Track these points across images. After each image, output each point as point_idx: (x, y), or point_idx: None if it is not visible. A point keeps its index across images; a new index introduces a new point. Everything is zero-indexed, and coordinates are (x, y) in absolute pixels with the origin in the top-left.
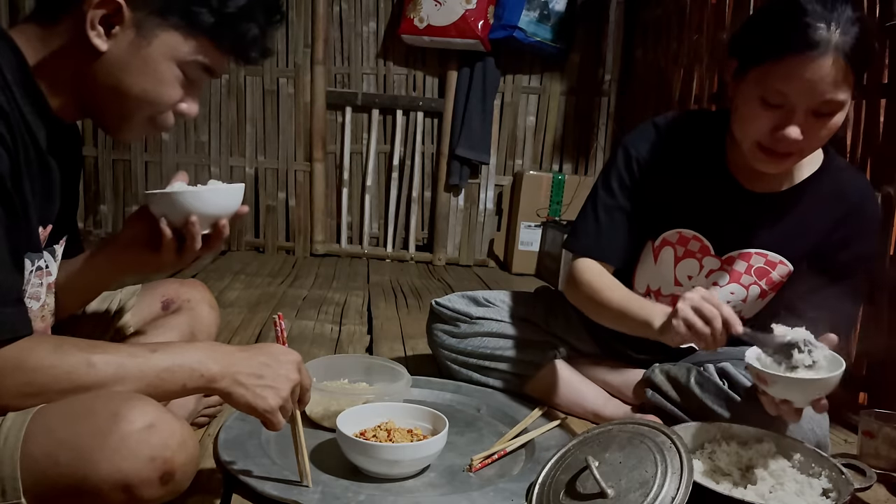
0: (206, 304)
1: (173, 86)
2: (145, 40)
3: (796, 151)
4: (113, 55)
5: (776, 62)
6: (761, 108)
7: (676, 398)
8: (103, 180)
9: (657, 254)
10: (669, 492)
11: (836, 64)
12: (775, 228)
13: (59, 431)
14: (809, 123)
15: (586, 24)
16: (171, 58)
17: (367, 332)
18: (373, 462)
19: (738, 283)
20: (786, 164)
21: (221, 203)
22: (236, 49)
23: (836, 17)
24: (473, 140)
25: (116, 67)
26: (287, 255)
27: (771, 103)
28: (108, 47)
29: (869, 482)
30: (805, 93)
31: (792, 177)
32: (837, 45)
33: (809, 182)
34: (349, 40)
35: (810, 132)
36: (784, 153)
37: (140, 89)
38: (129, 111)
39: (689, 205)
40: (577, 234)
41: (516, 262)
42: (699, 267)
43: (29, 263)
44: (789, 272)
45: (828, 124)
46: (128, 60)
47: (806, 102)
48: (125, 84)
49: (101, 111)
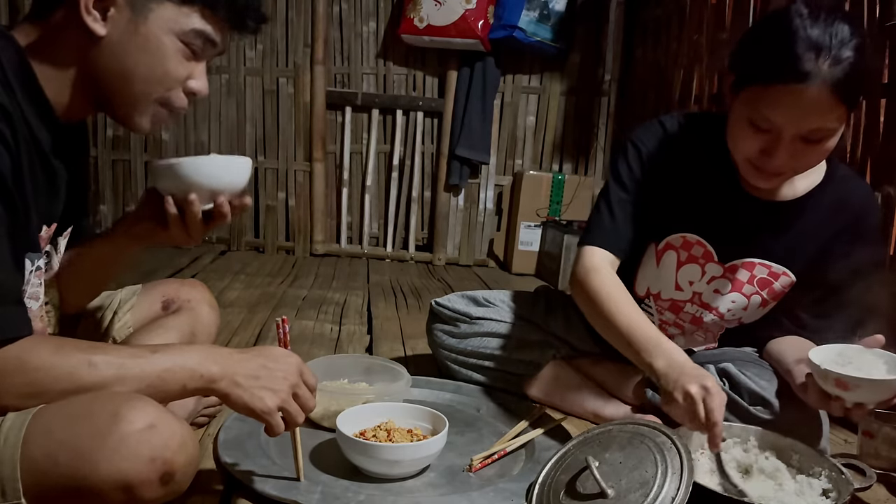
0: (207, 304)
1: (178, 60)
2: (141, 16)
3: (787, 171)
4: (112, 38)
5: (764, 88)
6: (750, 130)
7: None
8: (103, 180)
9: (660, 257)
10: (669, 492)
11: (822, 95)
12: (780, 238)
13: (60, 432)
14: (798, 148)
15: (586, 24)
16: (170, 30)
17: (367, 332)
18: (373, 462)
19: (739, 292)
20: (776, 181)
21: (220, 175)
22: (231, 14)
23: (829, 44)
24: (473, 140)
25: (118, 50)
26: (287, 255)
27: (759, 127)
28: (106, 31)
29: (869, 482)
30: (791, 121)
31: (796, 186)
32: (826, 77)
33: (813, 192)
34: (349, 40)
35: (799, 156)
36: (774, 172)
37: (144, 67)
38: (138, 94)
39: (694, 209)
40: (591, 231)
41: (516, 262)
42: (701, 273)
43: (29, 264)
44: (791, 283)
45: (817, 149)
46: (128, 41)
47: (793, 130)
48: (129, 65)
49: (110, 100)
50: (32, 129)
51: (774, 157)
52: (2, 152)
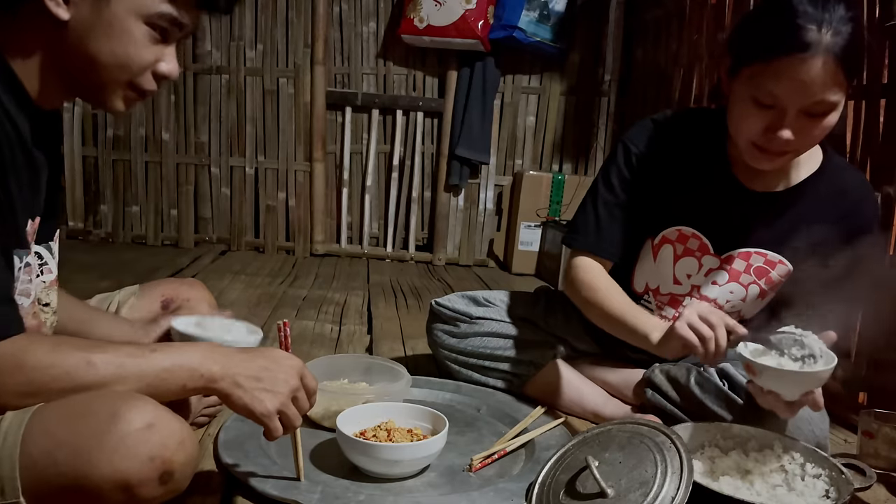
0: (206, 303)
1: (143, 45)
2: (105, 1)
3: (791, 150)
4: (76, 22)
5: (767, 63)
6: (753, 108)
7: (676, 398)
8: (103, 180)
9: (656, 252)
10: (669, 492)
11: (826, 65)
12: (775, 228)
13: (58, 431)
14: (802, 124)
15: (586, 24)
16: (135, 13)
17: (367, 332)
18: (373, 462)
19: (737, 281)
20: (780, 161)
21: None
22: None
23: (828, 18)
24: (473, 140)
25: (82, 34)
26: (287, 255)
27: (763, 103)
28: (69, 15)
29: (869, 482)
30: (795, 94)
31: (790, 176)
32: (828, 46)
33: (809, 182)
34: (349, 40)
35: (803, 132)
36: (778, 152)
37: (109, 52)
38: (105, 78)
39: (688, 203)
40: (576, 230)
41: (516, 262)
42: (698, 266)
43: (17, 260)
44: (788, 272)
45: (821, 124)
46: (91, 24)
47: (797, 103)
48: (93, 49)
49: (80, 85)
50: (12, 117)
51: (780, 133)
52: None
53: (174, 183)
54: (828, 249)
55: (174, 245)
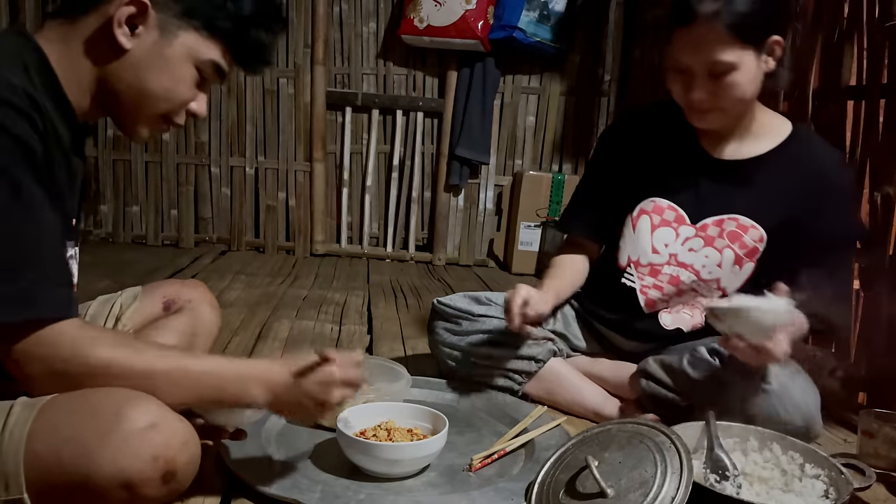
0: (208, 304)
1: (188, 85)
2: (167, 41)
3: (715, 108)
4: (135, 54)
5: (672, 34)
6: (674, 74)
7: (669, 382)
8: (103, 180)
9: (635, 224)
10: (669, 492)
11: (711, 31)
12: (746, 194)
13: (63, 429)
14: (711, 84)
15: (586, 24)
16: (190, 58)
17: (367, 331)
18: (373, 461)
19: (711, 246)
20: (711, 118)
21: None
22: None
23: None
24: (473, 140)
25: (138, 66)
26: (287, 255)
27: (677, 69)
28: (131, 46)
29: (868, 482)
30: (691, 58)
31: (759, 145)
32: (711, 14)
33: (778, 150)
34: (349, 40)
35: (716, 91)
36: (702, 109)
37: (160, 87)
38: (147, 108)
39: (662, 177)
40: (564, 215)
41: (516, 262)
42: (675, 235)
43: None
44: (761, 237)
45: (726, 82)
46: (149, 60)
47: (697, 66)
48: (146, 82)
49: (118, 109)
50: (56, 127)
51: (693, 94)
52: (35, 139)
53: (174, 183)
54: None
55: (174, 245)
